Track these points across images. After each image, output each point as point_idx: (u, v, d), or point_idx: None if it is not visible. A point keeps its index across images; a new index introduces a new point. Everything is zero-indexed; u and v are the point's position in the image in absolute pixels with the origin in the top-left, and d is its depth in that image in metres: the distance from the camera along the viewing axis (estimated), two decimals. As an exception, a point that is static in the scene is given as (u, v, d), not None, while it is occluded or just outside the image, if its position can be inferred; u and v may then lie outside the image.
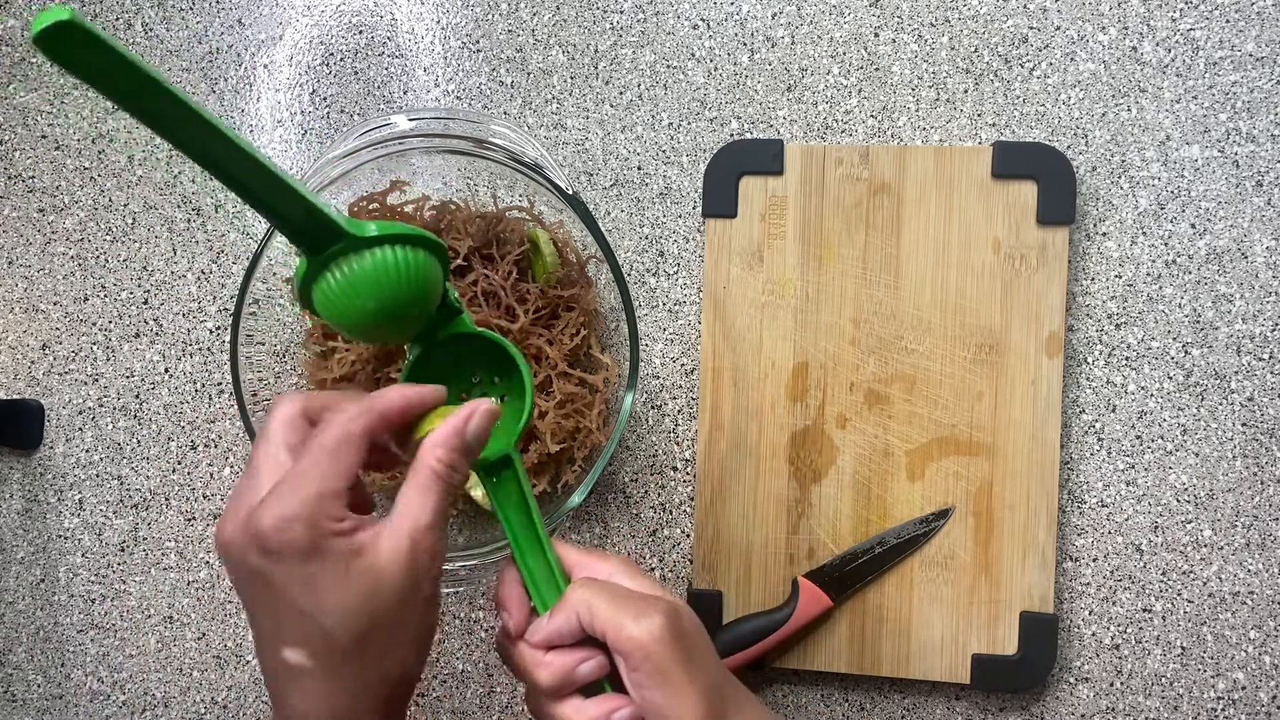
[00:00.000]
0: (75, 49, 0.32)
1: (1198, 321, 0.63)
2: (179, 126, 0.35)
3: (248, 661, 0.69)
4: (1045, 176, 0.62)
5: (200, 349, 0.70)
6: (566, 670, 0.42)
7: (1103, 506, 0.64)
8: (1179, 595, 0.63)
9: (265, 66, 0.70)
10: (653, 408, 0.67)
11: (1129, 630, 0.64)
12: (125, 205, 0.71)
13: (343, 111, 0.70)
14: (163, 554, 0.70)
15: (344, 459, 0.38)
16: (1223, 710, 0.63)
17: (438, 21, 0.69)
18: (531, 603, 0.44)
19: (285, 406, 0.40)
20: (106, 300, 0.71)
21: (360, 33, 0.70)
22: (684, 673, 0.39)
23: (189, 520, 0.70)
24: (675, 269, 0.67)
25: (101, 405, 0.71)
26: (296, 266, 0.42)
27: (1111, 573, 0.64)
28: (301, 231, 0.39)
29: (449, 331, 0.46)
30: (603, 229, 0.64)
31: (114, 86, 0.34)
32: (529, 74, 0.68)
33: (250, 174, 0.37)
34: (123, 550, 0.70)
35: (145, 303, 0.70)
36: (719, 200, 0.65)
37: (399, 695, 0.40)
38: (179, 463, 0.70)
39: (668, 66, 0.67)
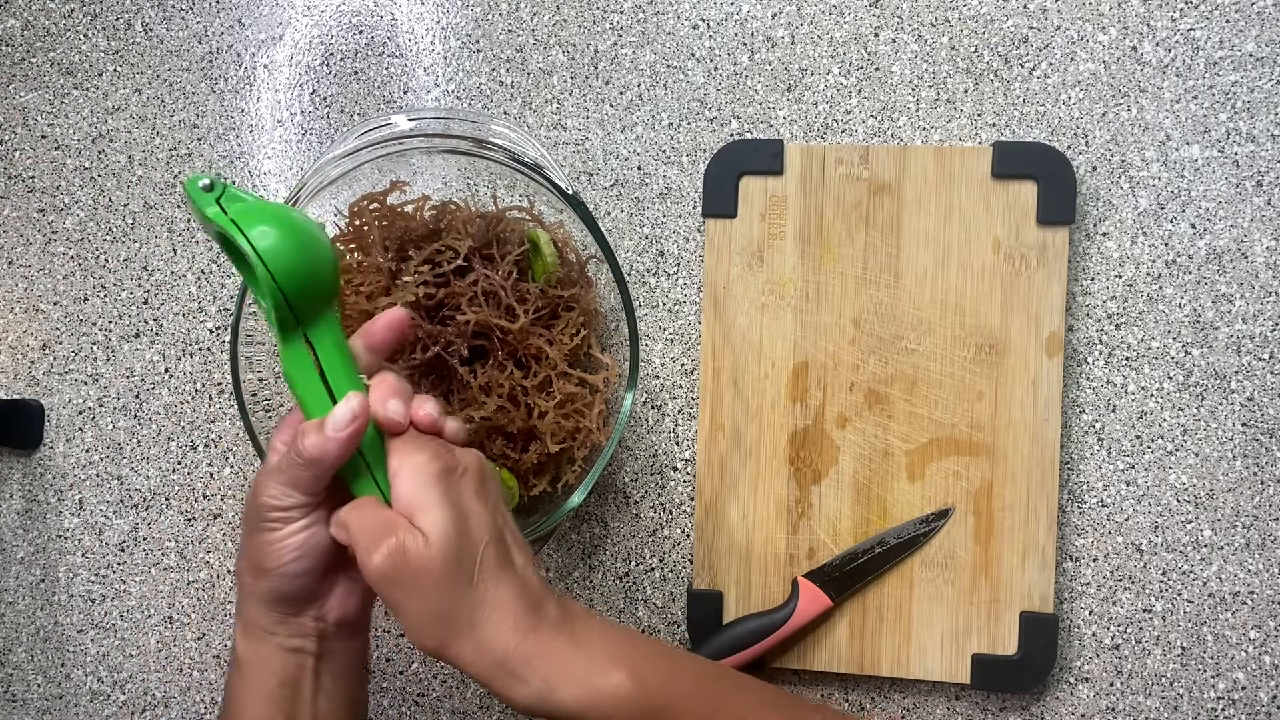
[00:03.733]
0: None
1: (1198, 321, 0.63)
2: None
3: (248, 661, 0.69)
4: (1045, 176, 0.62)
5: (200, 349, 0.70)
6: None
7: (1103, 506, 0.64)
8: (1179, 595, 0.63)
9: (265, 66, 0.70)
10: (653, 408, 0.67)
11: (1129, 630, 0.64)
12: (125, 205, 0.71)
13: (343, 111, 0.70)
14: (163, 554, 0.70)
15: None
16: (1223, 710, 0.63)
17: (438, 21, 0.69)
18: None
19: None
20: (106, 300, 0.71)
21: (360, 33, 0.70)
22: (399, 603, 0.44)
23: (189, 520, 0.70)
24: (675, 269, 0.67)
25: (101, 405, 0.71)
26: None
27: (1111, 573, 0.64)
28: None
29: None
30: (603, 229, 0.64)
31: None
32: (529, 74, 0.68)
33: None
34: (123, 550, 0.70)
35: (145, 303, 0.70)
36: (719, 200, 0.65)
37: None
38: (179, 463, 0.70)
39: (668, 66, 0.67)
